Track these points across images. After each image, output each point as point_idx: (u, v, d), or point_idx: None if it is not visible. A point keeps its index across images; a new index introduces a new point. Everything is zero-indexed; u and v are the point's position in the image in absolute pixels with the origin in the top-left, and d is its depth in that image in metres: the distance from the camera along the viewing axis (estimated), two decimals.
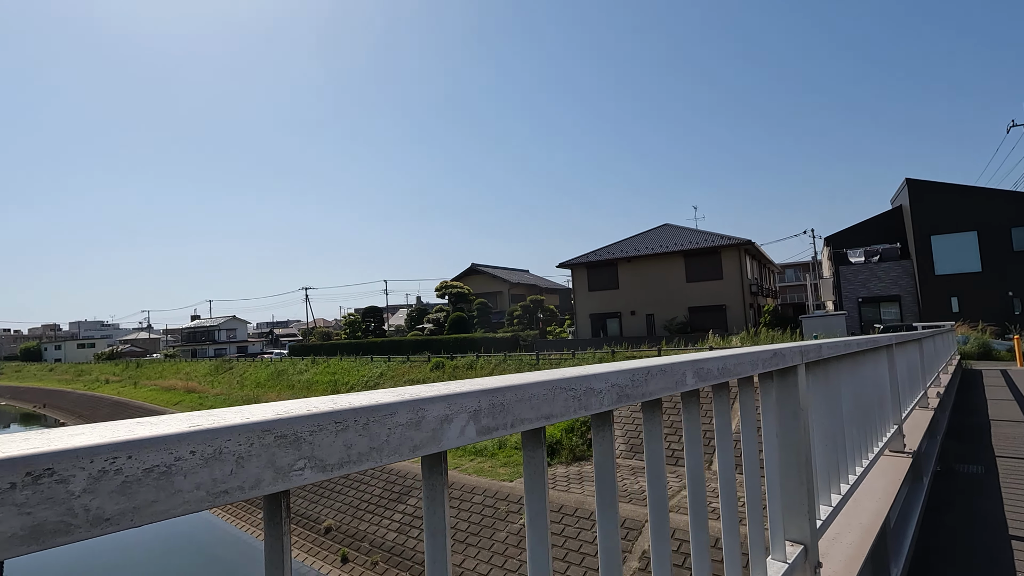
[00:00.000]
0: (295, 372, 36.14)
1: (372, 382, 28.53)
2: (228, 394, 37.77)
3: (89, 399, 55.24)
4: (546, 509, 0.85)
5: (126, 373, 63.56)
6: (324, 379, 32.15)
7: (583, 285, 32.82)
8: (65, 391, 64.95)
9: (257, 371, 40.93)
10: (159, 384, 50.52)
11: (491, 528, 13.08)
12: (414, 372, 27.42)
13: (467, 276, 47.20)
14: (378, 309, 51.63)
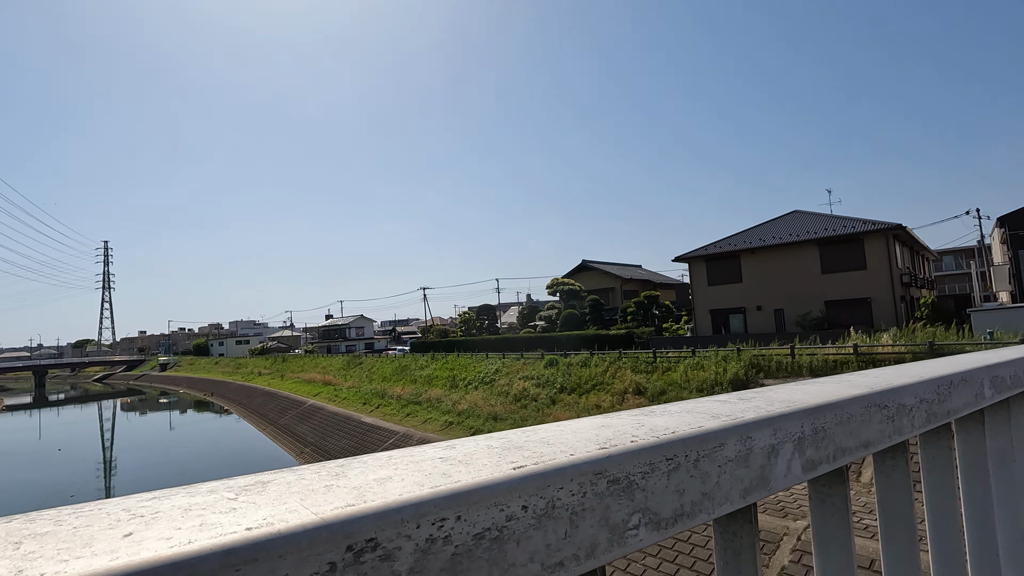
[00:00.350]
0: (417, 367, 38.19)
1: (488, 378, 29.27)
2: (359, 387, 40.87)
3: (246, 389, 62.89)
4: (853, 567, 0.62)
5: (274, 367, 71.45)
6: (443, 374, 33.62)
7: (702, 279, 31.05)
8: (227, 382, 74.56)
9: (383, 366, 43.88)
10: (301, 377, 56.13)
11: None
12: (528, 369, 27.73)
13: (578, 273, 46.84)
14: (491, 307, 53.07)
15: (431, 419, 26.91)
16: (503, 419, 23.40)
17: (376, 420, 29.68)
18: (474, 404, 26.27)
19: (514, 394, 25.56)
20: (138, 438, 44.40)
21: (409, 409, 30.02)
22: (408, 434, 24.99)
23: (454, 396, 29.00)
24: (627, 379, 21.67)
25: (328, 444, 29.35)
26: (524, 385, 25.97)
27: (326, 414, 35.80)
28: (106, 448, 40.23)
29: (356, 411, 33.63)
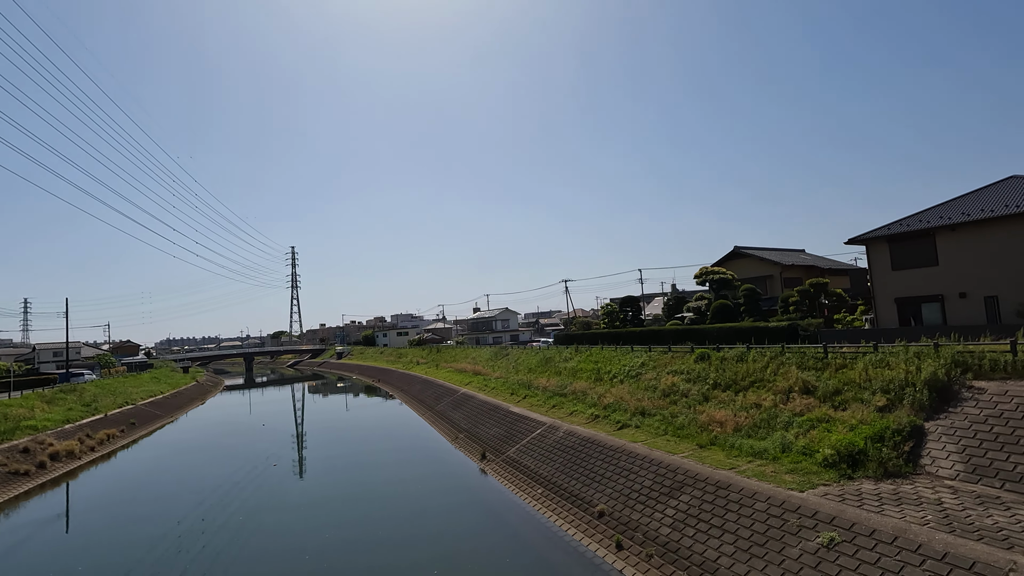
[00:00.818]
0: (561, 359, 38.58)
1: (634, 371, 28.52)
2: (506, 377, 42.45)
3: (406, 377, 68.96)
4: None
5: (430, 357, 77.31)
6: (588, 367, 33.52)
7: (884, 263, 26.88)
8: (391, 370, 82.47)
9: (528, 357, 45.04)
10: (453, 366, 59.96)
11: (779, 542, 11.64)
12: (676, 363, 26.46)
13: (730, 260, 43.54)
14: (634, 298, 51.56)
15: (577, 411, 26.99)
16: (651, 414, 22.62)
17: (523, 410, 30.57)
18: (620, 398, 25.77)
19: (662, 389, 24.58)
20: (322, 417, 50.96)
21: (555, 400, 30.43)
22: (554, 425, 25.34)
23: (599, 389, 28.76)
24: (792, 376, 19.59)
25: (480, 431, 30.94)
26: (673, 380, 24.84)
27: (477, 402, 37.75)
28: (298, 424, 46.79)
29: (504, 400, 34.97)
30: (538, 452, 23.36)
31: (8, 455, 28.35)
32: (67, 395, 46.68)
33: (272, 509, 21.23)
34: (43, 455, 29.88)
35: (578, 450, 21.33)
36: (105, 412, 44.87)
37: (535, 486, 20.55)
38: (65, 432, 35.48)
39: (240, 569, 15.53)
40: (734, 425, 18.42)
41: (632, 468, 17.69)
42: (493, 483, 22.87)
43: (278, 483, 25.37)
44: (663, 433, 20.35)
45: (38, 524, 21.42)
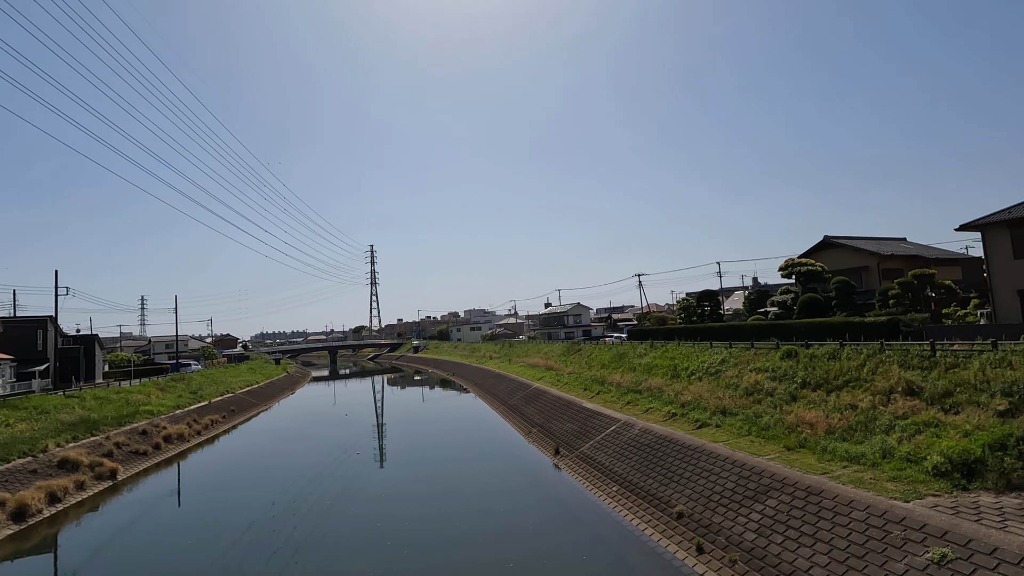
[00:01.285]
0: (635, 355, 37.73)
1: (714, 368, 27.33)
2: (579, 373, 42.12)
3: (480, 371, 70.24)
4: None
5: (502, 351, 78.22)
6: (663, 363, 32.55)
7: (1004, 251, 24.02)
8: (464, 364, 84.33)
9: (601, 353, 44.44)
10: (526, 361, 60.30)
11: (880, 555, 10.72)
12: (760, 360, 25.07)
13: (819, 251, 40.64)
14: (712, 292, 49.44)
15: (652, 408, 26.28)
16: (733, 413, 21.58)
17: (597, 406, 30.18)
18: (699, 396, 24.81)
19: (745, 387, 23.38)
20: (400, 409, 52.96)
21: (629, 397, 29.80)
22: (629, 422, 24.82)
23: (676, 386, 27.84)
24: (893, 376, 17.97)
25: (553, 426, 30.90)
26: (756, 378, 23.56)
27: (550, 398, 37.72)
28: (378, 415, 48.91)
29: (577, 396, 34.71)
30: (613, 449, 22.98)
31: (130, 436, 31.64)
32: (177, 383, 51.47)
33: (355, 496, 22.28)
34: (158, 437, 33.11)
35: (655, 448, 20.76)
36: (209, 399, 49.04)
37: (610, 483, 20.23)
38: (176, 417, 39.14)
39: (327, 552, 16.42)
40: (826, 427, 17.20)
41: (713, 469, 16.97)
42: (567, 479, 22.77)
43: (361, 471, 26.60)
44: (746, 433, 19.37)
45: (155, 499, 23.76)
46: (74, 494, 22.97)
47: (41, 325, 48.67)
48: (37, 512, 20.42)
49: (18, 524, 19.39)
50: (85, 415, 33.06)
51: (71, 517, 21.09)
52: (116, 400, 38.78)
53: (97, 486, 24.65)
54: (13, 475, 22.60)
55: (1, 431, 27.06)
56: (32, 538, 18.79)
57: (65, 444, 27.28)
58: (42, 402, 33.07)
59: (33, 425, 28.95)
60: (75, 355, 53.01)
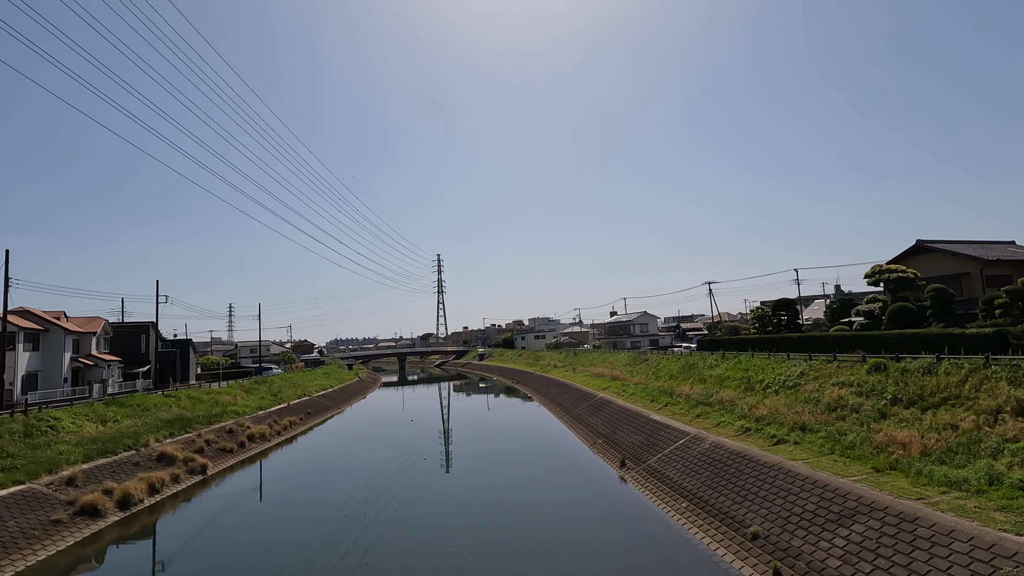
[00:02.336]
0: (705, 366, 36.33)
1: (791, 381, 25.79)
2: (646, 383, 41.07)
3: (544, 380, 70.04)
4: None
5: (566, 360, 77.66)
6: (736, 375, 31.11)
7: None
8: (528, 372, 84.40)
9: (669, 363, 43.12)
10: (591, 370, 59.54)
11: None
12: (844, 374, 23.40)
13: (911, 257, 37.50)
14: (789, 301, 46.75)
15: (724, 422, 25.15)
16: (813, 430, 20.26)
17: (665, 418, 29.28)
18: (775, 410, 23.49)
19: (826, 403, 21.90)
20: (466, 415, 53.71)
21: (699, 410, 28.70)
22: (699, 436, 23.87)
23: (750, 400, 26.52)
24: (1001, 393, 16.23)
25: (619, 437, 30.26)
26: (840, 393, 22.01)
27: (615, 408, 37.01)
28: (444, 421, 49.84)
29: (644, 407, 33.83)
30: (682, 463, 22.19)
31: (218, 434, 34.00)
32: (260, 386, 54.84)
33: (422, 501, 22.77)
34: (243, 436, 35.36)
35: (727, 464, 19.85)
36: (288, 402, 51.88)
37: (679, 499, 19.52)
38: (258, 417, 41.68)
39: (395, 554, 16.86)
40: (921, 448, 15.79)
41: (791, 488, 15.99)
42: (634, 492, 22.20)
43: (427, 476, 27.16)
44: (828, 452, 18.13)
45: (240, 494, 25.36)
46: (170, 486, 24.93)
47: (144, 330, 53.41)
48: (139, 501, 22.33)
49: (123, 511, 21.28)
50: (180, 413, 35.90)
51: (167, 507, 22.89)
52: (206, 400, 41.85)
53: (190, 480, 26.63)
54: (119, 466, 24.87)
55: (110, 426, 29.89)
56: (134, 525, 20.55)
57: (163, 440, 29.72)
58: (144, 400, 36.23)
59: (136, 421, 31.76)
60: (172, 358, 57.75)
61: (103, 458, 24.93)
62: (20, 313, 39.48)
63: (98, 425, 29.36)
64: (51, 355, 40.14)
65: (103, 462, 24.58)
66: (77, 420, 28.69)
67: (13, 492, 19.49)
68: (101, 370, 43.73)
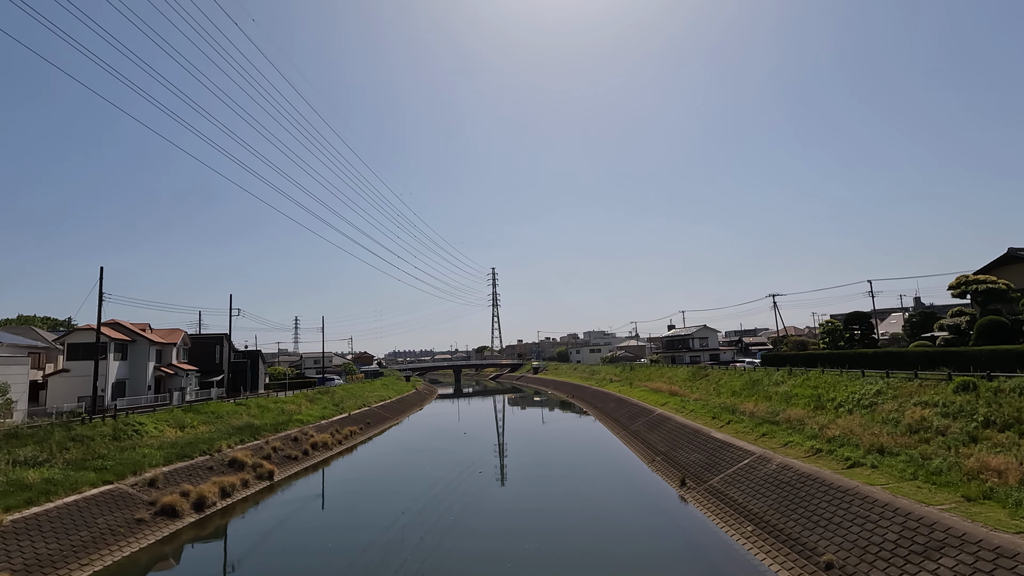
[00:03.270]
0: (770, 383, 34.66)
1: (867, 400, 24.12)
2: (706, 400, 39.62)
3: (600, 394, 68.91)
4: None
5: (623, 374, 76.12)
6: (805, 393, 29.48)
7: None
8: (584, 386, 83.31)
9: (731, 379, 41.45)
10: (648, 386, 58.06)
11: None
12: (926, 393, 21.67)
13: (1000, 266, 34.49)
14: (863, 314, 43.99)
15: (792, 443, 23.83)
16: (892, 453, 18.82)
17: (728, 437, 28.09)
18: (848, 431, 22.03)
19: (907, 424, 20.33)
20: (521, 428, 53.54)
21: (764, 428, 27.35)
22: (765, 456, 22.71)
23: (820, 419, 25.03)
24: None
25: (678, 456, 29.26)
26: (922, 413, 20.39)
27: (675, 425, 35.88)
28: (499, 433, 49.88)
29: (705, 425, 32.61)
30: (746, 484, 21.17)
31: (284, 442, 35.49)
32: (323, 396, 56.93)
33: (477, 513, 22.81)
34: (307, 444, 36.73)
35: (796, 487, 18.77)
36: (349, 412, 53.54)
37: (744, 522, 18.61)
38: (321, 426, 43.21)
39: (451, 566, 16.92)
40: (1020, 476, 14.36)
41: (869, 516, 14.90)
42: (695, 513, 21.35)
43: (483, 489, 27.21)
44: (910, 477, 16.80)
45: (304, 500, 26.29)
46: (240, 490, 26.18)
47: (218, 341, 56.74)
48: (212, 504, 23.57)
49: (198, 513, 22.51)
50: (250, 421, 37.75)
51: (237, 510, 24.04)
52: (274, 409, 43.84)
53: (258, 485, 27.87)
54: (195, 470, 26.38)
55: (187, 431, 31.83)
56: (208, 527, 21.69)
57: (234, 446, 31.31)
58: (218, 408, 38.37)
59: (210, 428, 33.67)
60: (243, 368, 60.97)
61: (181, 462, 26.53)
62: (111, 325, 42.88)
63: (177, 430, 31.33)
64: (137, 364, 43.30)
65: (180, 465, 26.14)
66: (159, 425, 30.73)
67: (103, 491, 21.04)
68: (180, 379, 46.73)
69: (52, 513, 18.33)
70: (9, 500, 18.01)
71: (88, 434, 26.06)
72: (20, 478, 20.02)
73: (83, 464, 23.02)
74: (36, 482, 19.95)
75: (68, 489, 20.06)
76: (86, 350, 38.80)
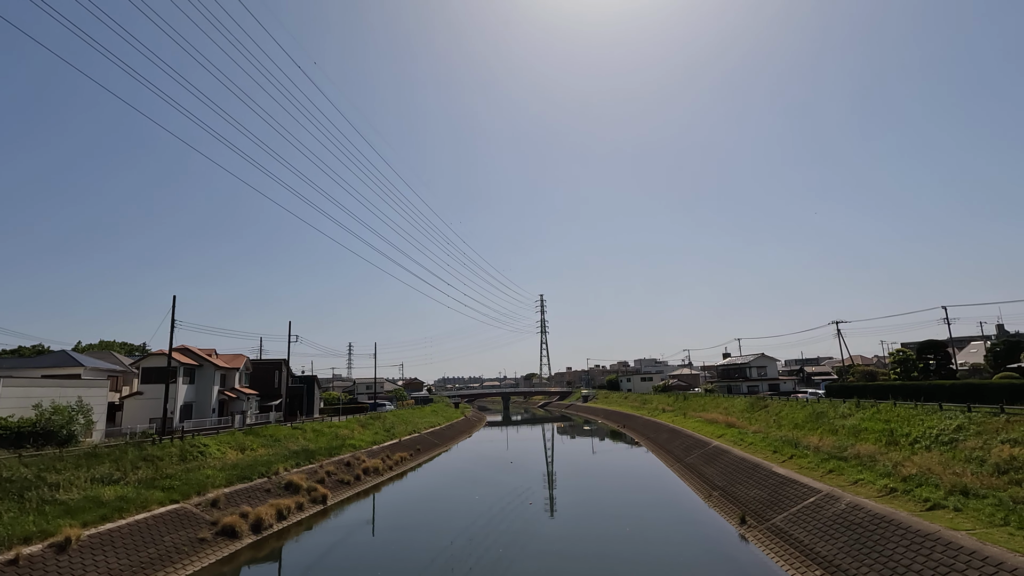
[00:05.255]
0: (836, 415, 32.69)
1: (947, 436, 22.31)
2: (766, 432, 37.75)
3: (652, 424, 66.85)
4: None
5: (676, 404, 73.69)
6: (876, 427, 27.60)
7: None
8: (635, 415, 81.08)
9: (793, 411, 39.39)
10: (703, 416, 55.92)
11: None
12: (1016, 429, 19.85)
13: None
14: (939, 343, 41.08)
15: (863, 480, 22.26)
16: (978, 495, 17.26)
17: (790, 472, 26.57)
18: (927, 469, 20.41)
19: (994, 463, 18.65)
20: (571, 458, 52.49)
21: (831, 464, 25.71)
22: (833, 495, 21.29)
23: (894, 455, 23.32)
24: None
25: (737, 491, 27.87)
26: (1012, 452, 18.66)
27: (732, 458, 34.29)
28: (548, 463, 49.06)
29: (765, 459, 30.99)
30: (813, 525, 19.87)
31: (337, 466, 36.20)
32: (374, 421, 57.91)
33: (527, 545, 22.38)
34: (359, 469, 37.32)
35: (868, 529, 17.47)
36: (399, 438, 54.16)
37: (812, 566, 17.42)
38: (373, 452, 43.86)
39: None
40: None
41: (954, 564, 13.66)
42: (757, 554, 20.17)
43: (532, 519, 26.73)
44: (1001, 523, 15.33)
45: (356, 525, 26.60)
46: (295, 513, 26.80)
47: (277, 367, 59.03)
48: (269, 526, 24.21)
49: (256, 535, 23.16)
50: (305, 445, 38.80)
51: (292, 533, 24.57)
52: (328, 433, 44.92)
53: (312, 508, 28.46)
54: (254, 492, 27.25)
55: (248, 454, 33.02)
56: (264, 548, 22.25)
57: (290, 469, 32.20)
58: (276, 431, 39.70)
59: (269, 451, 34.81)
60: (300, 393, 63.02)
61: (241, 483, 27.49)
62: (181, 351, 45.50)
63: (238, 452, 32.57)
64: (204, 388, 45.58)
65: (240, 487, 27.08)
66: (221, 447, 32.05)
67: (170, 510, 22.04)
68: (242, 402, 48.79)
69: (124, 530, 19.33)
70: (87, 516, 19.15)
71: (158, 454, 27.49)
72: (97, 495, 21.29)
73: (152, 483, 24.24)
74: (111, 499, 21.15)
75: (139, 507, 21.14)
76: (158, 374, 41.27)
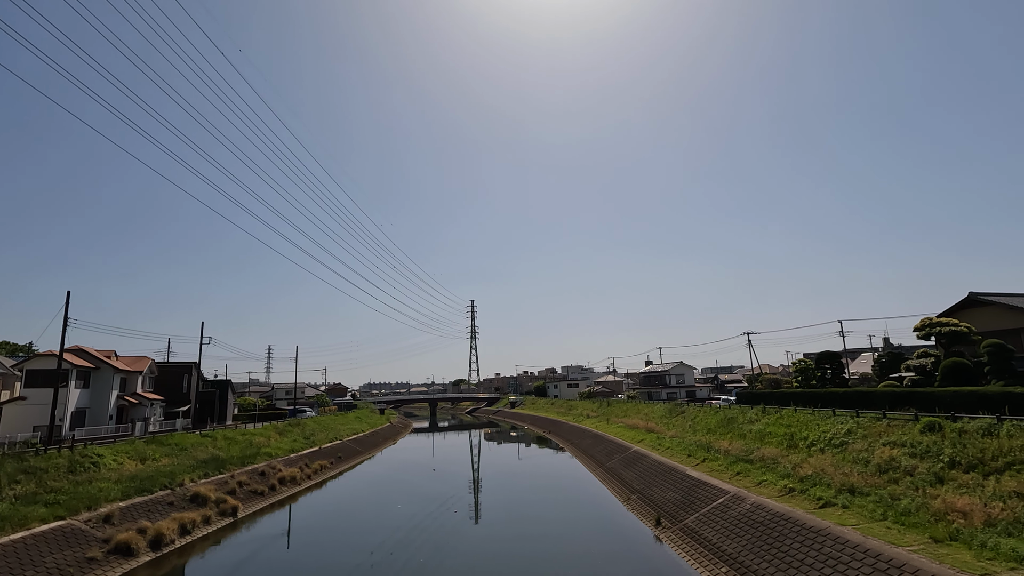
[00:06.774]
0: (745, 421, 34.91)
1: (838, 440, 24.44)
2: (682, 437, 39.63)
3: (576, 430, 68.35)
4: None
5: (600, 410, 75.80)
6: (778, 431, 29.74)
7: None
8: (561, 421, 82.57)
9: (707, 417, 41.63)
10: (624, 422, 57.88)
11: None
12: (895, 433, 22.08)
13: (963, 310, 35.76)
14: (834, 354, 44.89)
15: (766, 481, 23.89)
16: (863, 493, 19.01)
17: (702, 475, 28.05)
18: (820, 470, 22.23)
19: (877, 463, 20.62)
20: (496, 464, 52.60)
21: (739, 467, 27.41)
22: (740, 495, 22.70)
23: (793, 458, 25.22)
24: None
25: (653, 494, 29.05)
26: (891, 453, 20.72)
27: (650, 462, 35.70)
28: (474, 470, 48.90)
29: (681, 462, 32.53)
30: (721, 524, 21.07)
31: (251, 476, 34.23)
32: (293, 428, 55.31)
33: (451, 553, 22.18)
34: (274, 479, 35.49)
35: (769, 527, 18.75)
36: (320, 445, 52.03)
37: (719, 564, 18.45)
38: (290, 460, 41.86)
39: None
40: (984, 517, 14.62)
41: (840, 557, 14.94)
42: (670, 554, 21.10)
43: (456, 527, 26.53)
44: (880, 518, 16.95)
45: (269, 538, 25.24)
46: (201, 527, 25.06)
47: (187, 370, 55.08)
48: (171, 542, 22.49)
49: (155, 551, 21.43)
50: (215, 454, 36.41)
51: (197, 549, 22.95)
52: (241, 441, 42.40)
53: (220, 521, 26.73)
54: (154, 506, 25.23)
55: (149, 464, 30.54)
56: (164, 566, 20.63)
57: (197, 480, 30.10)
58: (182, 440, 36.98)
59: (173, 461, 32.36)
60: (212, 398, 59.10)
61: (140, 496, 25.38)
62: (75, 351, 41.41)
63: (138, 463, 30.05)
64: (100, 393, 41.69)
65: (139, 500, 25.00)
66: (118, 457, 29.45)
67: (53, 527, 19.96)
68: (144, 408, 45.07)
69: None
70: None
71: (42, 466, 24.85)
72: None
73: (34, 498, 21.87)
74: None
75: (16, 525, 19.00)
76: (46, 377, 37.28)
